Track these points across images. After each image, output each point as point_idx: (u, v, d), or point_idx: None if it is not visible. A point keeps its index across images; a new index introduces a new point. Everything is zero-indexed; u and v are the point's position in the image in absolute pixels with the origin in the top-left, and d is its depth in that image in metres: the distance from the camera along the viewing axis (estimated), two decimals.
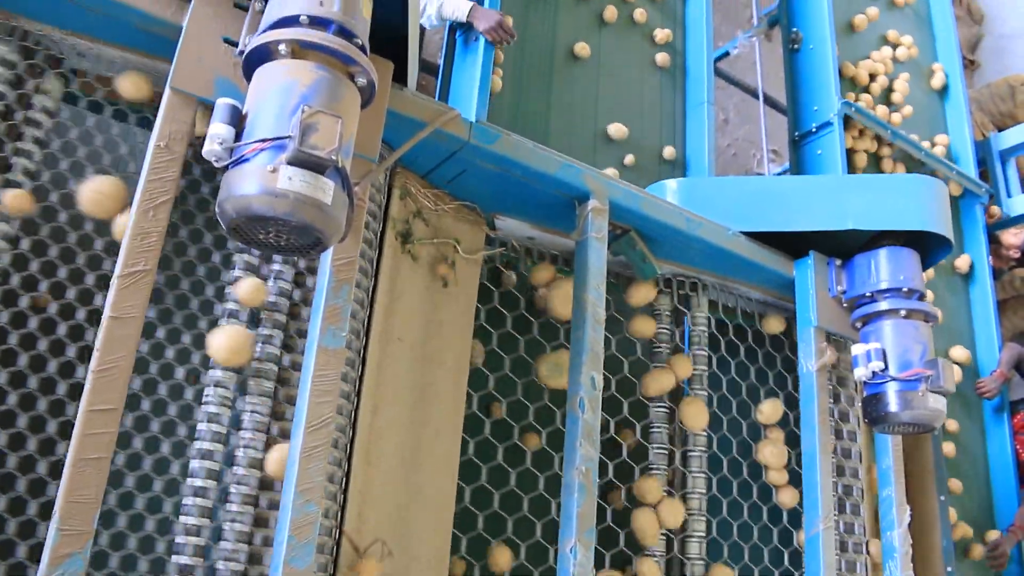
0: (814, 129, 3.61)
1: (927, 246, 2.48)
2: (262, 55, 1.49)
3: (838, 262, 2.53)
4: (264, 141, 1.38)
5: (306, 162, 1.36)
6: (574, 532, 1.88)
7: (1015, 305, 4.44)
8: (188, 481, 1.67)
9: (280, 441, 1.75)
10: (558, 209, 2.24)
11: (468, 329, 2.16)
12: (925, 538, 2.87)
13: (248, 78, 1.51)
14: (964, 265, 3.96)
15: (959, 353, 3.72)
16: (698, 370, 2.54)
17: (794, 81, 3.81)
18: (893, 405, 2.26)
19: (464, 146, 2.03)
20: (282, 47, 1.47)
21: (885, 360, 2.29)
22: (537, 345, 2.33)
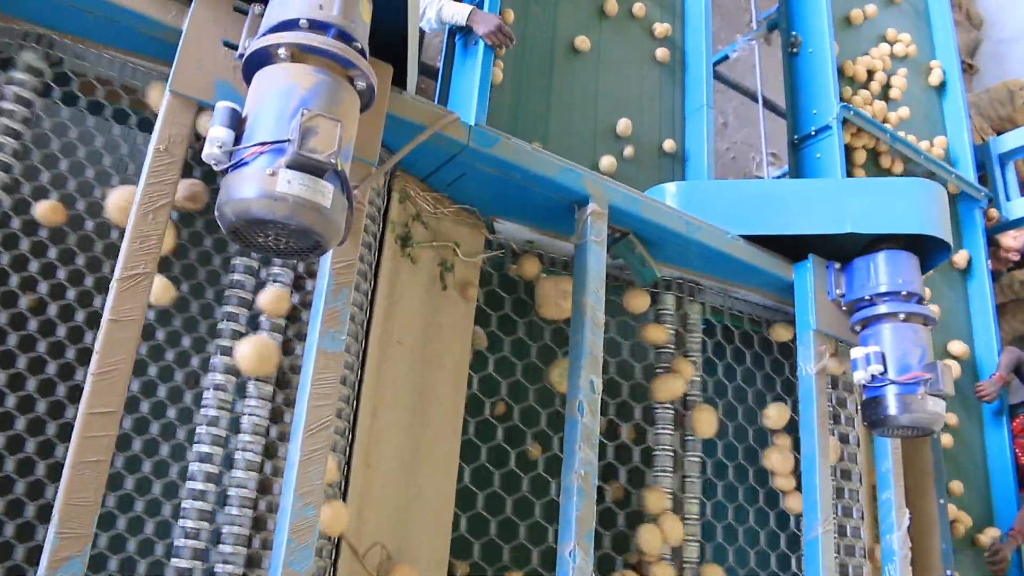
0: (813, 133, 3.60)
1: (926, 249, 2.49)
2: (262, 58, 1.49)
3: (837, 265, 2.53)
4: (263, 144, 1.39)
5: (305, 166, 1.36)
6: (573, 535, 1.88)
7: (1014, 309, 4.42)
8: (187, 484, 1.67)
9: (280, 444, 1.75)
10: (557, 212, 2.24)
11: (468, 332, 2.16)
12: (924, 541, 2.87)
13: (248, 81, 1.51)
14: (962, 260, 3.95)
15: (957, 347, 3.71)
16: (698, 374, 2.53)
17: (793, 85, 3.81)
18: (892, 408, 2.26)
19: (463, 149, 2.03)
20: (282, 51, 1.47)
21: (884, 363, 2.30)
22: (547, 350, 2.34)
